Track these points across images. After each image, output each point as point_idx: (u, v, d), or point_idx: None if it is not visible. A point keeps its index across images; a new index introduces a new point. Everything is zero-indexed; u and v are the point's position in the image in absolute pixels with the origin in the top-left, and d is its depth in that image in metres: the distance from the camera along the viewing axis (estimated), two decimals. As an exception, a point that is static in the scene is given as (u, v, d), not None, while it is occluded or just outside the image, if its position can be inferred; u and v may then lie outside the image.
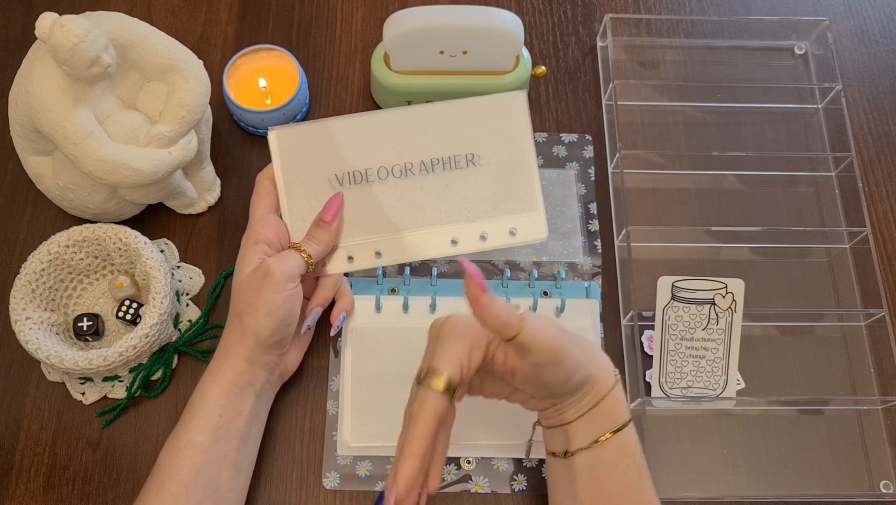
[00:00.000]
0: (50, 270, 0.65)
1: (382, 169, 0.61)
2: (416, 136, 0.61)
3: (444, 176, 0.61)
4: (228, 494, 0.57)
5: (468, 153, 0.61)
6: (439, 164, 0.61)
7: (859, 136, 0.79)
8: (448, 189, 0.61)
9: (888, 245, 0.74)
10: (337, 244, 0.61)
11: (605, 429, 0.54)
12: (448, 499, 0.64)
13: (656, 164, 0.76)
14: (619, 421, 0.54)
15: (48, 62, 0.59)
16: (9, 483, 0.64)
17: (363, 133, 0.61)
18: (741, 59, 0.82)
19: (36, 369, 0.67)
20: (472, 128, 0.61)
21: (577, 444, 0.54)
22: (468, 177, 0.61)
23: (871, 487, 0.65)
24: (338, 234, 0.61)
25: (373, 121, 0.62)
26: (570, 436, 0.55)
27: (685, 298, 0.69)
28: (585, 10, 0.84)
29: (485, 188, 0.61)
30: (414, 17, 0.69)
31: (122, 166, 0.61)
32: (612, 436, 0.54)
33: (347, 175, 0.61)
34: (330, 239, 0.60)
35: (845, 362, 0.70)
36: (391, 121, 0.61)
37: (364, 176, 0.61)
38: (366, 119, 0.62)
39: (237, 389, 0.58)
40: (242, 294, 0.58)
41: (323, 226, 0.60)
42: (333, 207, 0.60)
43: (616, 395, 0.55)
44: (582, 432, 0.54)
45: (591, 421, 0.54)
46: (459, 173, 0.61)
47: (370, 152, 0.61)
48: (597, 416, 0.54)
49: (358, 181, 0.61)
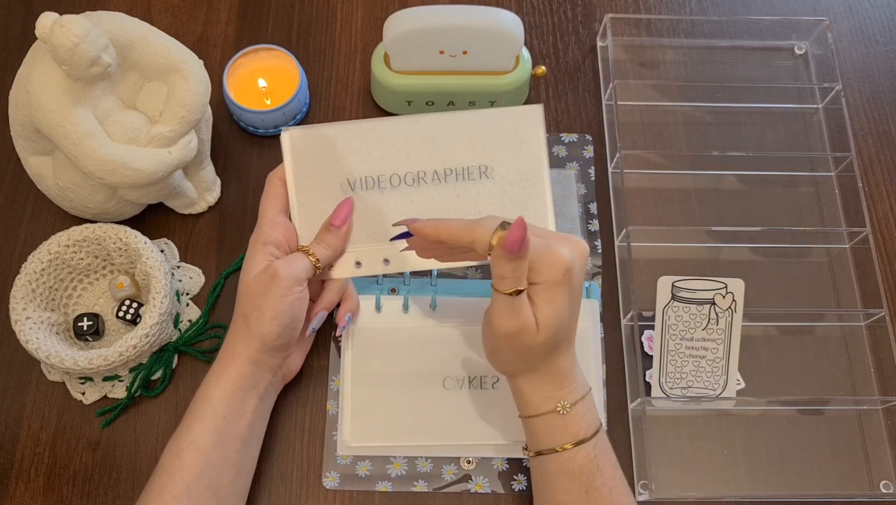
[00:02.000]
0: (50, 269, 0.65)
1: (395, 176, 0.61)
2: (432, 145, 0.61)
3: (457, 186, 0.61)
4: (230, 496, 0.57)
5: (482, 165, 0.61)
6: (452, 175, 0.61)
7: (859, 136, 0.79)
8: (459, 200, 0.61)
9: (888, 245, 0.74)
10: (345, 249, 0.61)
11: (546, 445, 0.55)
12: (448, 499, 0.64)
13: (656, 164, 0.76)
14: (560, 442, 0.55)
15: (48, 62, 0.59)
16: (9, 483, 0.64)
17: (377, 139, 0.61)
18: (741, 59, 0.82)
19: (36, 369, 0.67)
20: (488, 139, 0.61)
21: (530, 445, 0.57)
22: (480, 189, 0.61)
23: (871, 487, 0.65)
24: (347, 238, 0.60)
25: (388, 127, 0.61)
26: (526, 434, 0.58)
27: (685, 298, 0.69)
28: (585, 10, 0.84)
29: (496, 201, 0.61)
30: (414, 17, 0.69)
31: (122, 166, 0.61)
32: (551, 452, 0.55)
33: (360, 180, 0.61)
34: (339, 243, 0.60)
35: (845, 362, 0.70)
36: (407, 128, 0.61)
37: (377, 182, 0.61)
38: (381, 125, 0.61)
39: (241, 390, 0.58)
40: (249, 296, 0.57)
41: (332, 230, 0.59)
42: (344, 212, 0.60)
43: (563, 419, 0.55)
44: (529, 435, 0.57)
45: (530, 430, 0.56)
46: (472, 185, 0.61)
47: (384, 159, 0.61)
48: (540, 429, 0.55)
49: (370, 187, 0.61)
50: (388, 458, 0.65)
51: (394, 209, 0.61)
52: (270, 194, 0.61)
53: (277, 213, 0.60)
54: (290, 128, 0.61)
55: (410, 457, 0.65)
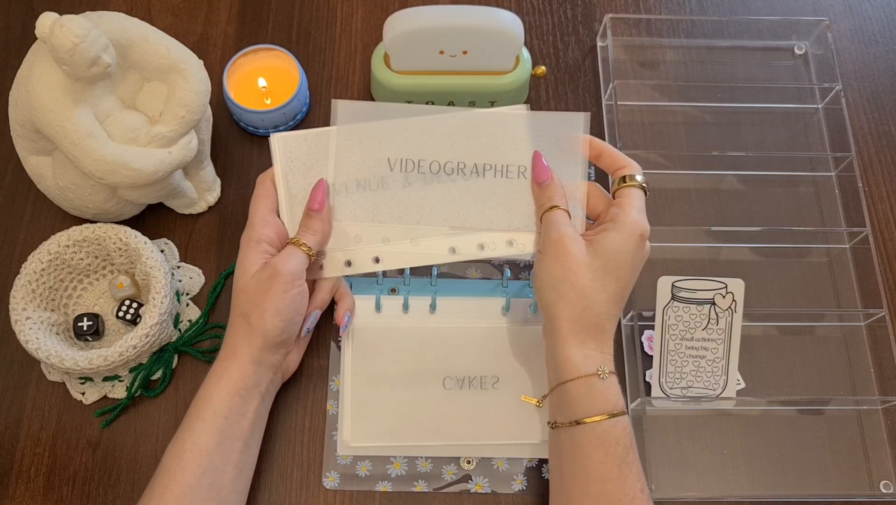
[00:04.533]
0: (50, 269, 0.65)
1: (382, 175, 0.62)
2: (425, 143, 0.62)
3: (452, 183, 0.62)
4: (231, 496, 0.57)
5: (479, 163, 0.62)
6: (442, 171, 0.63)
7: (859, 136, 0.79)
8: (451, 196, 0.62)
9: (888, 245, 0.74)
10: (330, 231, 0.62)
11: (583, 414, 0.55)
12: (448, 499, 0.64)
13: (656, 164, 0.76)
14: (600, 410, 0.54)
15: (48, 62, 0.59)
16: (9, 483, 0.64)
17: (364, 141, 0.62)
18: (741, 59, 0.82)
19: (36, 369, 0.67)
20: (484, 138, 0.62)
21: (561, 418, 0.56)
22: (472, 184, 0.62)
23: (871, 487, 0.65)
24: (329, 220, 0.61)
25: (375, 129, 0.62)
26: (559, 408, 0.57)
27: (685, 298, 0.69)
28: (585, 10, 0.84)
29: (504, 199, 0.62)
30: (414, 17, 0.69)
31: (122, 166, 0.61)
32: (590, 422, 0.54)
33: (354, 180, 0.62)
34: (323, 227, 0.61)
35: (845, 362, 0.70)
36: (395, 128, 0.62)
37: (367, 183, 0.62)
38: (368, 127, 0.62)
39: (243, 390, 0.58)
40: (249, 294, 0.58)
41: (313, 215, 0.60)
42: (319, 195, 0.61)
43: (602, 385, 0.55)
44: (566, 410, 0.56)
45: (567, 397, 0.56)
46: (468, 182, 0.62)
47: (371, 159, 0.62)
48: (574, 397, 0.55)
49: (363, 187, 0.62)
50: (388, 458, 0.65)
51: (385, 209, 0.62)
52: (261, 194, 0.61)
53: (268, 213, 0.61)
54: (279, 132, 0.62)
55: (410, 457, 0.65)
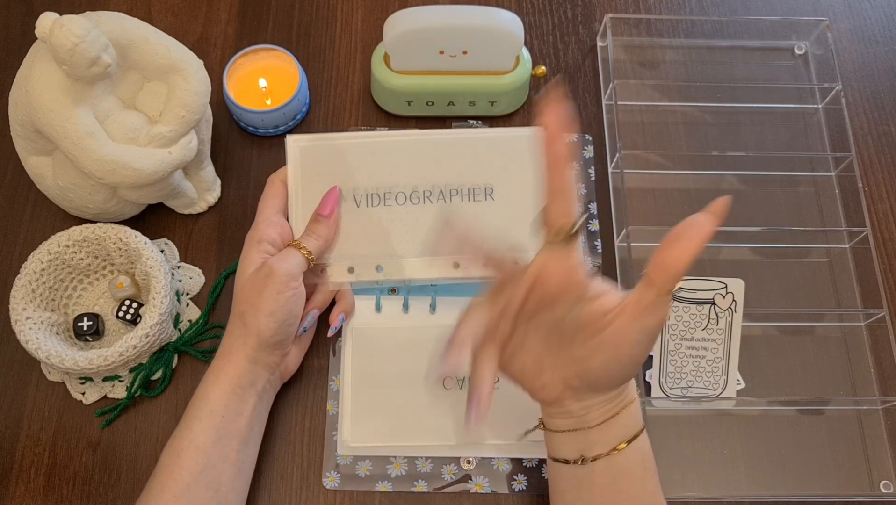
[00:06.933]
0: (50, 269, 0.65)
1: (401, 194, 0.63)
2: (436, 163, 0.63)
3: (460, 206, 0.62)
4: (230, 495, 0.57)
5: (487, 185, 0.62)
6: (458, 195, 0.63)
7: (859, 136, 0.79)
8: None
9: (888, 245, 0.74)
10: (335, 239, 0.62)
11: (624, 436, 0.53)
12: (448, 499, 0.64)
13: (656, 164, 0.76)
14: (637, 428, 0.53)
15: (48, 62, 0.59)
16: (9, 483, 0.64)
17: (382, 155, 0.62)
18: (741, 59, 0.82)
19: (36, 369, 0.67)
20: (493, 160, 0.62)
21: (598, 450, 0.52)
22: (484, 209, 0.62)
23: (871, 487, 0.65)
24: (335, 228, 0.61)
25: (394, 144, 0.63)
26: (590, 441, 0.53)
27: (685, 298, 0.69)
28: (585, 10, 0.84)
29: (499, 222, 0.62)
30: (414, 17, 0.69)
31: (122, 166, 0.61)
32: (630, 443, 0.52)
33: (365, 195, 0.63)
34: (328, 233, 0.60)
35: (845, 362, 0.70)
36: (413, 147, 0.63)
37: (381, 198, 0.63)
38: (385, 141, 0.63)
39: (239, 389, 0.58)
40: (245, 294, 0.58)
41: (321, 220, 0.60)
42: (330, 202, 0.60)
43: (638, 402, 0.54)
44: (603, 439, 0.52)
45: (613, 427, 0.52)
46: (475, 205, 0.62)
47: (386, 174, 0.63)
48: (619, 422, 0.52)
49: (371, 200, 0.63)
50: (388, 458, 0.65)
51: (391, 223, 0.63)
52: (270, 194, 0.61)
53: (275, 213, 0.61)
54: (295, 136, 0.62)
55: (410, 457, 0.65)
